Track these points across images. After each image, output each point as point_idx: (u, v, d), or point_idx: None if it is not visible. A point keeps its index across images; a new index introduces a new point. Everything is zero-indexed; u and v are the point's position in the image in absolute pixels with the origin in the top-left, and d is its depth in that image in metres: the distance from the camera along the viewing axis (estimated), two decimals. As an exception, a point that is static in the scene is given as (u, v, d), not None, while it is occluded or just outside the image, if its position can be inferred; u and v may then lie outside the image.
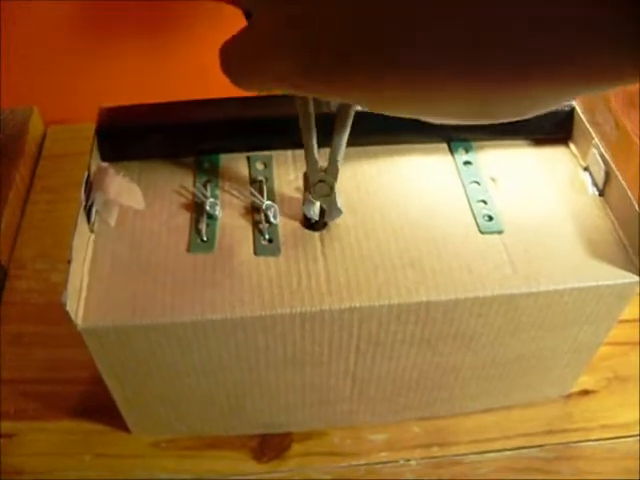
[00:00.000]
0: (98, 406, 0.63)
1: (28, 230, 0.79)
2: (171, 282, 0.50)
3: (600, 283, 0.51)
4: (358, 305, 0.48)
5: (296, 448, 0.61)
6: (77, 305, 0.48)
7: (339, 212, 0.53)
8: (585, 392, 0.65)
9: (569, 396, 0.65)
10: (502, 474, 0.60)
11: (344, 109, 0.48)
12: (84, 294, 0.49)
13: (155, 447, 0.61)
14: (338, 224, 0.53)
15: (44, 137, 0.89)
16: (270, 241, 0.52)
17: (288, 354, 0.52)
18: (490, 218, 0.54)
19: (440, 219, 0.54)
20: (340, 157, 0.50)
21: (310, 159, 0.50)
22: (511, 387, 0.61)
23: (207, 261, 0.51)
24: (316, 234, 0.53)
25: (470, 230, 0.53)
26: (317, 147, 0.50)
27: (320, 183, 0.51)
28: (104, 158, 0.56)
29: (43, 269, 0.74)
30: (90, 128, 0.84)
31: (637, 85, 0.85)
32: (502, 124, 0.60)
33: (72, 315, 0.47)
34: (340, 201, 0.52)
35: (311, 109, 0.48)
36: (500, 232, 0.53)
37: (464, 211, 0.54)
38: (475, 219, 0.54)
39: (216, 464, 0.60)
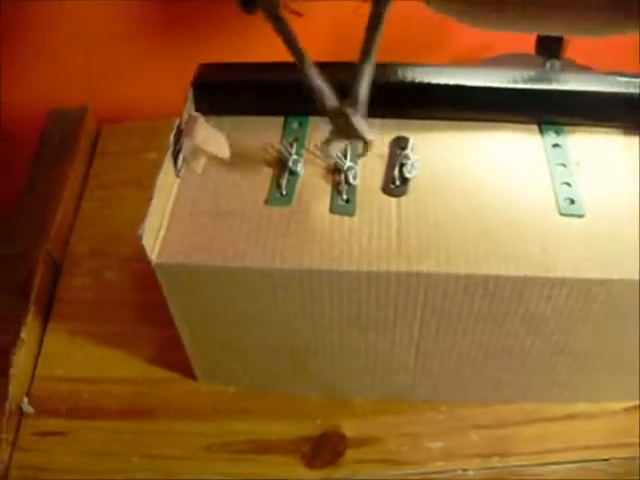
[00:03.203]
0: (149, 407, 0.63)
1: (82, 227, 0.79)
2: (246, 230, 0.51)
3: (681, 278, 0.49)
4: (425, 270, 0.48)
5: (350, 454, 0.60)
6: (154, 242, 0.50)
7: (368, 143, 0.52)
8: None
9: (635, 407, 0.62)
10: None
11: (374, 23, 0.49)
12: (162, 233, 0.51)
13: (206, 450, 0.60)
14: (417, 192, 0.53)
15: (98, 135, 0.90)
16: (347, 201, 0.52)
17: (352, 315, 0.52)
18: (572, 201, 0.53)
19: (521, 197, 0.53)
20: (363, 89, 0.51)
21: (316, 86, 0.52)
22: (578, 382, 0.60)
23: (283, 214, 0.52)
24: (393, 199, 0.53)
25: (550, 211, 0.52)
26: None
27: (340, 117, 0.51)
28: (198, 111, 0.58)
29: (97, 267, 0.74)
30: (144, 127, 0.87)
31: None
32: (596, 110, 0.59)
33: (148, 250, 0.49)
34: (370, 134, 0.52)
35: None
36: (581, 216, 0.52)
37: (546, 192, 0.53)
38: (557, 201, 0.53)
39: (267, 469, 0.59)
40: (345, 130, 0.52)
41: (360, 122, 0.51)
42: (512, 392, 0.61)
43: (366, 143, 0.52)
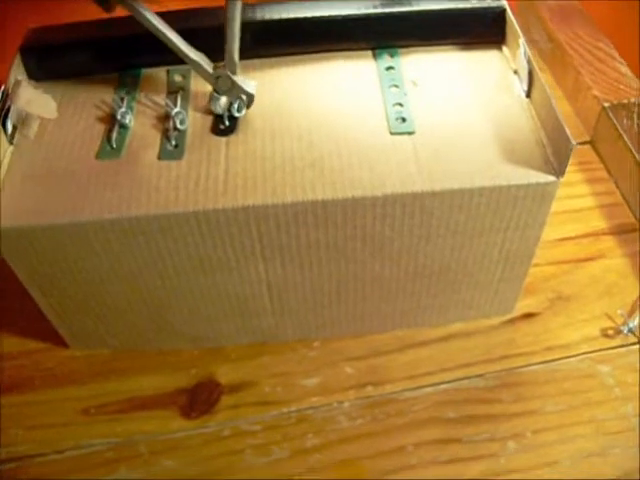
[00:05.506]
0: (28, 378, 0.62)
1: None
2: (76, 187, 0.50)
3: (512, 183, 0.49)
4: (251, 204, 0.48)
5: (225, 400, 0.60)
6: None
7: (252, 97, 0.53)
8: (528, 315, 0.63)
9: (511, 321, 0.63)
10: (440, 408, 0.58)
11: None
12: None
13: (85, 414, 0.60)
14: (247, 129, 0.53)
15: None
16: (176, 146, 0.52)
17: (193, 259, 0.52)
18: (403, 120, 0.52)
19: (351, 122, 0.53)
20: (236, 50, 0.52)
21: (191, 61, 0.53)
22: (446, 304, 0.60)
23: (112, 166, 0.51)
24: (223, 139, 0.52)
25: (379, 132, 0.52)
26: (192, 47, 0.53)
27: (219, 78, 0.52)
28: (31, 77, 0.57)
29: None
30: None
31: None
32: (431, 28, 0.58)
33: None
34: (252, 87, 0.54)
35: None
36: (411, 133, 0.51)
37: (377, 114, 0.53)
38: (387, 121, 0.52)
39: (145, 424, 0.59)
40: (227, 88, 0.53)
41: (241, 80, 0.53)
42: (380, 322, 0.61)
43: (250, 96, 0.54)
